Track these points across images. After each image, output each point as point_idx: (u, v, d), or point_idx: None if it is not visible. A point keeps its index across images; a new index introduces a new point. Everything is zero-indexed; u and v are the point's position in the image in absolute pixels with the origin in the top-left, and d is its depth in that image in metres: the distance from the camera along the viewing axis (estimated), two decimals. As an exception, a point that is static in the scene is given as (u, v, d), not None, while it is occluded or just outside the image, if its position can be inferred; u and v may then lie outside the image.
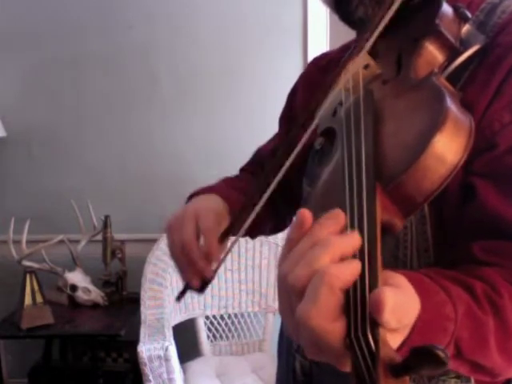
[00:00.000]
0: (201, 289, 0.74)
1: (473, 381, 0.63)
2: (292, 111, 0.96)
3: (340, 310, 0.39)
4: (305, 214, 0.43)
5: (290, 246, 0.44)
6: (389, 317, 0.37)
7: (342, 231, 0.43)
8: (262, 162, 0.98)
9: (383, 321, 0.37)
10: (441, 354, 0.33)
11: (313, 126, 0.61)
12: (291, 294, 0.41)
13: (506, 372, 0.55)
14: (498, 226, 0.57)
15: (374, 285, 0.39)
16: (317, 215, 0.44)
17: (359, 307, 0.38)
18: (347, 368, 0.39)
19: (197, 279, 0.73)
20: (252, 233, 0.93)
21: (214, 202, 0.81)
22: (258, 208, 0.66)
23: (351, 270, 0.39)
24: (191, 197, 0.87)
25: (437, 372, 0.34)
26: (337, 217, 0.43)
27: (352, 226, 0.43)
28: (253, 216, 0.68)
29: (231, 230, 0.74)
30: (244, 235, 0.93)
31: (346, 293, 0.39)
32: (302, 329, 0.39)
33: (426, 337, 0.44)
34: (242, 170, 1.04)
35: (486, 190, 0.58)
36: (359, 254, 0.41)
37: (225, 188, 0.88)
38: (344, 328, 0.38)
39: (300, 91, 0.94)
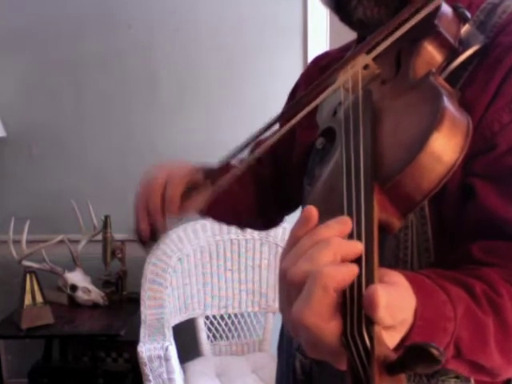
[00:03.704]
0: (148, 241, 0.72)
1: (472, 381, 0.63)
2: None
3: (335, 309, 0.39)
4: (311, 211, 0.43)
5: (292, 242, 0.44)
6: (383, 313, 0.37)
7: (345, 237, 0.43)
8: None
9: (378, 318, 0.37)
10: (435, 351, 0.33)
11: (305, 112, 0.60)
12: (290, 289, 0.42)
13: (505, 372, 0.55)
14: (496, 227, 0.57)
15: (370, 283, 0.39)
16: (318, 215, 0.44)
17: (355, 305, 0.38)
18: (344, 366, 0.40)
19: (147, 228, 0.72)
20: (236, 216, 0.92)
21: (194, 165, 0.80)
22: (227, 179, 0.66)
23: (347, 272, 0.39)
24: None
25: (431, 369, 0.34)
26: (345, 222, 0.43)
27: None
28: (223, 183, 0.67)
29: (196, 187, 0.72)
30: (228, 220, 0.92)
31: (343, 291, 0.39)
32: (298, 327, 0.39)
33: (426, 337, 0.44)
34: None
35: (486, 191, 0.58)
36: None
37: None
38: (339, 327, 0.39)
39: (301, 90, 0.94)
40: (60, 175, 2.49)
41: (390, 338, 0.40)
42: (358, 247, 0.41)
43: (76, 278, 2.20)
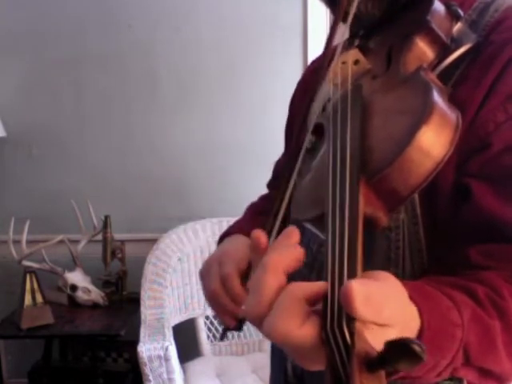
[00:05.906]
0: (239, 327, 0.74)
1: (465, 382, 0.63)
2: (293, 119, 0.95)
3: (304, 316, 0.38)
4: (259, 235, 0.45)
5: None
6: (361, 309, 0.35)
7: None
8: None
9: (355, 313, 0.35)
10: (416, 347, 0.32)
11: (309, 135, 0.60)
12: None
13: None
14: (494, 228, 0.56)
15: (352, 276, 0.38)
16: (304, 210, 0.43)
17: (335, 300, 0.37)
18: (322, 366, 0.38)
19: (231, 320, 0.73)
20: None
21: (239, 243, 0.79)
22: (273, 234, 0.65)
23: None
24: (222, 238, 0.86)
25: (413, 366, 0.32)
26: (290, 234, 0.43)
27: (333, 218, 0.43)
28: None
29: (250, 270, 0.72)
30: None
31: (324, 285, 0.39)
32: (274, 341, 0.39)
33: (435, 344, 0.43)
34: (268, 185, 1.04)
35: (482, 192, 0.57)
36: (339, 246, 0.40)
37: (249, 221, 0.88)
38: (314, 328, 0.38)
39: (297, 98, 0.93)
40: (60, 175, 2.49)
41: (384, 336, 0.38)
42: (295, 252, 0.42)
43: (76, 278, 2.20)
